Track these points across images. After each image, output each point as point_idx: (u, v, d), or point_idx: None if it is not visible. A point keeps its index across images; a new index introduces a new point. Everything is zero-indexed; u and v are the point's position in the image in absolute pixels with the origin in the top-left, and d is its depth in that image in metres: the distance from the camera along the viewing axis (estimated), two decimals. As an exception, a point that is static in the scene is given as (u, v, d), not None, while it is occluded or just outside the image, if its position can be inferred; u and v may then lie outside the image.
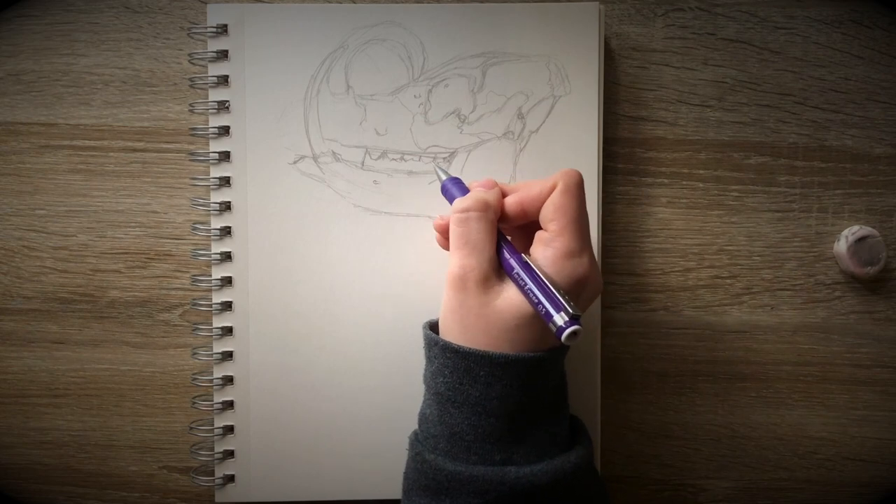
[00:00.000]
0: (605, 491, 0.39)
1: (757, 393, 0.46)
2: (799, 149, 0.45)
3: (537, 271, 0.34)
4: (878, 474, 0.46)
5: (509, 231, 0.39)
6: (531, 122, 0.43)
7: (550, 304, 0.33)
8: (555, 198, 0.35)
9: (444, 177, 0.40)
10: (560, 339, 0.32)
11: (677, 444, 0.46)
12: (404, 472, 0.37)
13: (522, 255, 0.35)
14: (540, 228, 0.37)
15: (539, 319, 0.34)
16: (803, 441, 0.46)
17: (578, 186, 0.36)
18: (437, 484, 0.35)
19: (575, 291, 0.35)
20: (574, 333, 0.32)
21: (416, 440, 0.37)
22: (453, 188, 0.39)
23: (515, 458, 0.35)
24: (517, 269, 0.35)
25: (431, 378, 0.37)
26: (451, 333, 0.36)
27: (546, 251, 0.35)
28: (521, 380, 0.35)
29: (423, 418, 0.37)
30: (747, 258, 0.46)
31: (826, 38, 0.45)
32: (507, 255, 0.36)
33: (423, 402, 0.38)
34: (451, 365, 0.35)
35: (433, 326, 0.38)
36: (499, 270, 0.36)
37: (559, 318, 0.32)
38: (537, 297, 0.33)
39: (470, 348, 0.35)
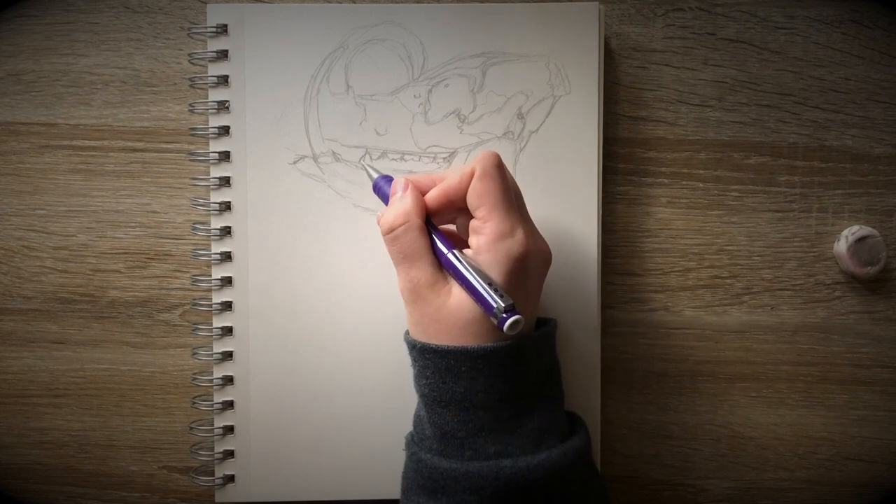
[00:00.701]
0: (604, 486, 0.39)
1: (757, 393, 0.46)
2: (799, 149, 0.45)
3: (468, 267, 0.34)
4: (878, 474, 0.46)
5: (447, 221, 0.39)
6: (531, 122, 0.43)
7: (487, 297, 0.33)
8: (474, 185, 0.35)
9: (374, 175, 0.40)
10: (503, 330, 0.33)
11: (677, 444, 0.46)
12: (402, 473, 0.38)
13: (454, 252, 0.35)
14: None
15: None
16: (803, 441, 0.46)
17: (495, 167, 0.35)
18: (434, 483, 0.35)
19: (518, 270, 0.35)
20: (515, 323, 0.33)
21: (412, 441, 0.37)
22: (385, 187, 0.39)
23: (510, 449, 0.35)
24: (456, 267, 0.35)
25: (416, 381, 0.37)
26: (421, 340, 0.36)
27: (480, 239, 0.35)
28: (503, 369, 0.35)
29: (417, 420, 0.38)
30: (747, 258, 0.46)
31: (826, 38, 0.45)
32: (442, 249, 0.36)
33: (417, 404, 0.38)
34: (431, 366, 0.35)
35: None
36: (442, 271, 0.36)
37: (498, 311, 0.33)
38: (479, 293, 0.34)
39: (447, 346, 0.35)
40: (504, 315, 0.33)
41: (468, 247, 0.36)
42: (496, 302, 0.33)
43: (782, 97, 0.45)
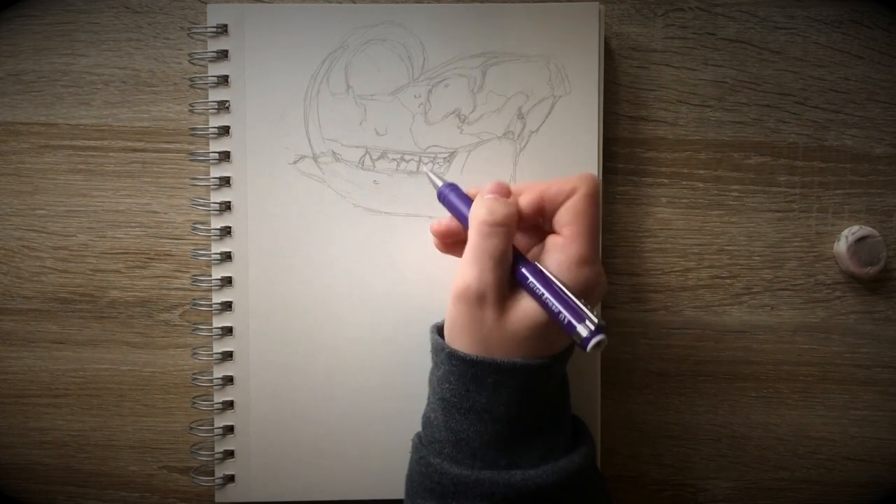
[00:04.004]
0: (606, 489, 0.39)
1: (757, 393, 0.46)
2: (799, 149, 0.45)
3: (556, 281, 0.34)
4: (878, 474, 0.46)
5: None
6: (531, 122, 0.43)
7: (572, 314, 0.33)
8: (577, 202, 0.35)
9: (439, 183, 0.39)
10: (585, 349, 0.32)
11: (677, 444, 0.46)
12: (407, 475, 0.37)
13: (537, 263, 0.35)
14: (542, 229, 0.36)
15: (551, 328, 0.34)
16: (803, 441, 0.46)
17: (598, 194, 0.35)
18: (443, 488, 0.35)
19: (586, 297, 0.34)
20: (599, 344, 0.32)
21: (420, 443, 0.37)
22: (452, 196, 0.38)
23: (520, 462, 0.35)
24: (532, 279, 0.34)
25: (437, 383, 0.36)
26: (457, 345, 0.35)
27: (560, 257, 0.34)
28: (527, 386, 0.34)
29: (427, 422, 0.37)
30: (747, 258, 0.46)
31: (826, 38, 0.45)
32: (521, 265, 0.35)
33: (428, 404, 0.38)
34: (457, 372, 0.35)
35: (440, 329, 0.38)
36: (512, 281, 0.35)
37: (583, 329, 0.32)
38: (557, 308, 0.33)
39: (477, 356, 0.34)
40: (588, 335, 0.32)
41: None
42: (592, 318, 0.32)
43: (782, 97, 0.45)
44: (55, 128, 0.45)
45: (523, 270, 0.35)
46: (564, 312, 0.33)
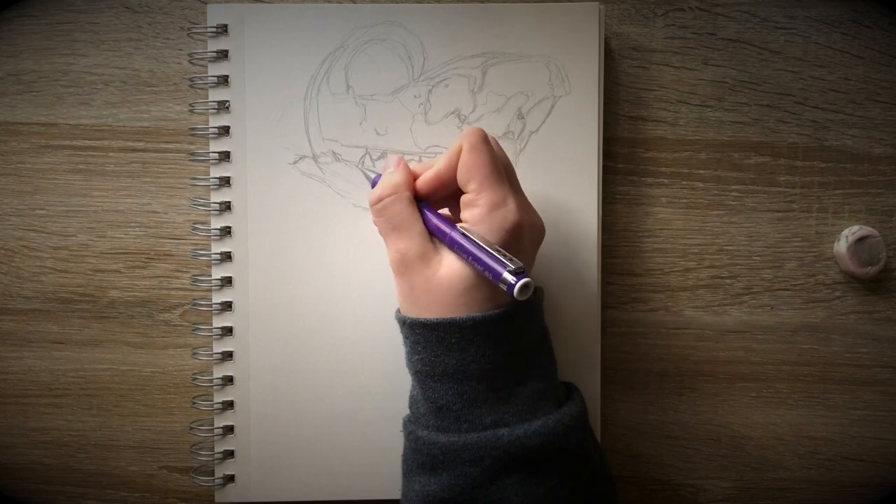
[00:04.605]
0: (604, 455, 0.38)
1: (757, 393, 0.46)
2: (799, 149, 0.45)
3: (470, 234, 0.34)
4: (878, 474, 0.46)
5: (438, 207, 0.39)
6: (531, 122, 0.43)
7: (495, 264, 0.33)
8: (463, 159, 0.36)
9: (372, 176, 0.40)
10: (513, 295, 0.32)
11: (677, 444, 0.46)
12: (402, 455, 0.38)
13: (455, 224, 0.35)
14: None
15: (486, 278, 0.34)
16: (803, 441, 0.46)
17: (483, 141, 0.36)
18: (433, 459, 0.35)
19: (513, 240, 0.35)
20: (525, 286, 0.32)
21: (409, 421, 0.37)
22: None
23: (506, 417, 0.35)
24: (451, 236, 0.35)
25: (409, 359, 0.37)
26: (411, 315, 0.36)
27: (473, 211, 0.35)
28: (493, 338, 0.35)
29: (412, 401, 0.38)
30: (747, 258, 0.46)
31: (826, 38, 0.45)
32: (438, 224, 0.36)
33: (411, 385, 0.38)
34: (422, 340, 0.35)
35: None
36: (433, 242, 0.36)
37: (508, 276, 0.32)
38: (481, 262, 0.33)
39: (436, 319, 0.35)
40: (512, 281, 0.32)
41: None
42: (507, 265, 0.33)
43: (782, 97, 0.45)
44: (55, 128, 0.45)
45: (442, 229, 0.35)
46: (488, 264, 0.33)
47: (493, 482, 0.34)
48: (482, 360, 0.35)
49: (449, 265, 0.35)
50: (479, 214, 0.35)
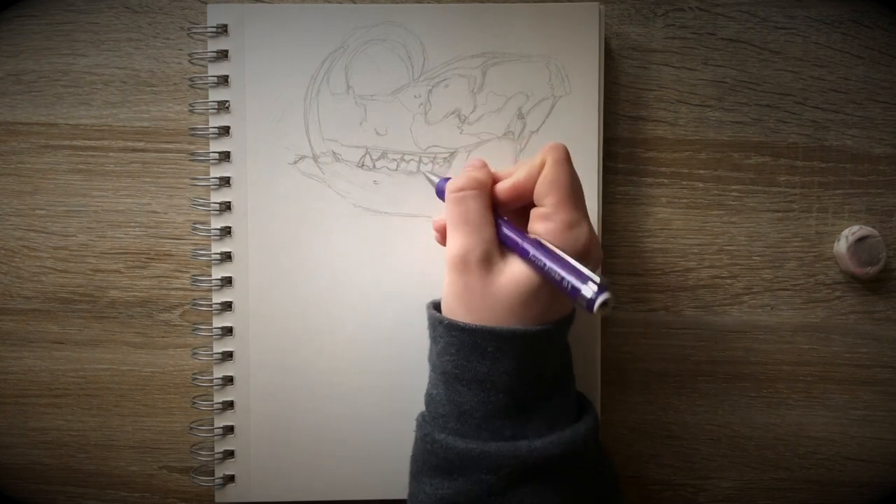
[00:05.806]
0: (613, 465, 0.39)
1: (757, 393, 0.46)
2: (799, 149, 0.45)
3: (551, 246, 0.34)
4: (878, 474, 0.46)
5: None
6: (531, 122, 0.43)
7: (575, 277, 0.32)
8: (547, 173, 0.35)
9: (436, 180, 0.40)
10: (592, 311, 0.32)
11: (677, 444, 0.46)
12: (412, 455, 0.37)
13: (531, 234, 0.35)
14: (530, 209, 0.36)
15: (544, 293, 0.34)
16: (803, 441, 0.46)
17: (567, 158, 0.36)
18: (449, 463, 0.35)
19: (580, 262, 0.34)
20: (605, 303, 0.31)
21: (424, 421, 0.37)
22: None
23: (526, 432, 0.35)
24: (525, 245, 0.34)
25: (437, 357, 0.36)
26: (455, 316, 0.36)
27: (547, 225, 0.35)
28: (528, 353, 0.35)
29: (429, 399, 0.37)
30: (747, 258, 0.46)
31: (826, 38, 0.45)
32: (511, 233, 0.35)
33: (429, 383, 0.38)
34: (457, 343, 0.35)
35: (437, 306, 0.38)
36: (500, 248, 0.36)
37: (587, 290, 0.32)
38: (559, 274, 0.33)
39: (476, 325, 0.34)
40: (592, 296, 0.31)
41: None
42: (593, 279, 0.32)
43: (782, 97, 0.45)
44: (55, 128, 0.45)
45: (515, 238, 0.35)
46: (567, 277, 0.32)
47: (509, 490, 0.34)
48: (513, 373, 0.34)
49: (511, 274, 0.34)
50: (553, 230, 0.34)
